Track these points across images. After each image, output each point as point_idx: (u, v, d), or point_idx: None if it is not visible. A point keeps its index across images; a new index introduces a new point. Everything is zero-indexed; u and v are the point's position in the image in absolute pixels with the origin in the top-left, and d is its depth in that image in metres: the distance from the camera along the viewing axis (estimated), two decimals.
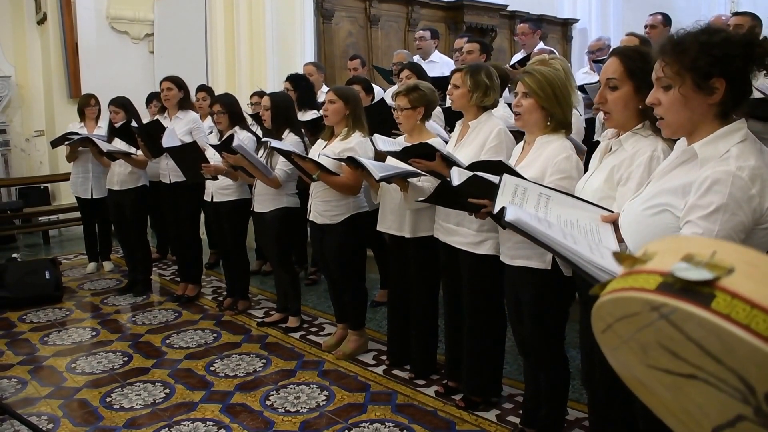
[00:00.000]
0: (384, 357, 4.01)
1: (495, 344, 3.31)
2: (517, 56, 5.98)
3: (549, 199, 2.02)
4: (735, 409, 0.64)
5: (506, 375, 3.50)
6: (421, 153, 3.15)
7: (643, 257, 0.73)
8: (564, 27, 10.80)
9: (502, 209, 1.81)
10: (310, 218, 4.04)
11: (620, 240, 1.81)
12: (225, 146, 4.19)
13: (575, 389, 3.20)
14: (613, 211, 1.95)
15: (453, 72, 3.39)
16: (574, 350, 2.83)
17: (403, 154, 3.28)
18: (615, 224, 1.86)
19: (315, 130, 4.53)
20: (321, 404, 3.45)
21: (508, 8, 9.87)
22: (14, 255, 6.06)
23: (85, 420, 3.35)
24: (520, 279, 2.79)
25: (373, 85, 5.37)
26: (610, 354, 0.82)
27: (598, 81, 2.29)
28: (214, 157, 4.53)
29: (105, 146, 5.41)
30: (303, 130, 4.63)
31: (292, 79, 5.20)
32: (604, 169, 2.21)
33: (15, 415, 3.22)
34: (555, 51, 5.88)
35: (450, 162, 3.02)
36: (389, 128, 3.94)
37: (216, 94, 5.78)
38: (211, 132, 5.10)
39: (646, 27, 5.42)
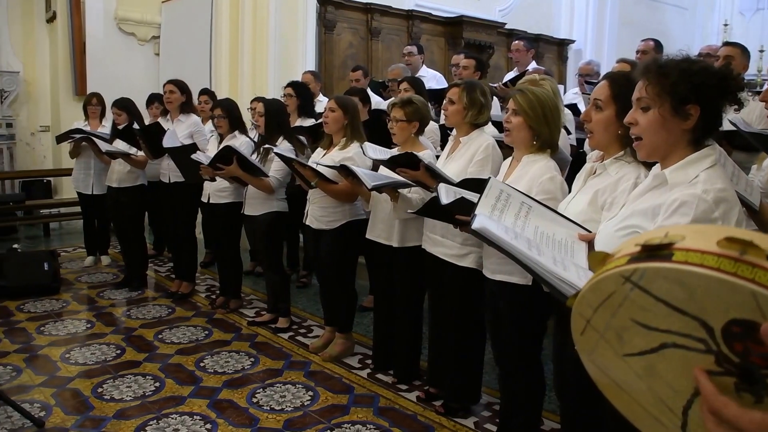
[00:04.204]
0: (369, 361, 4.08)
1: (475, 353, 3.38)
2: (510, 74, 6.08)
3: (530, 209, 2.06)
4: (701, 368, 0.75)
5: (485, 384, 3.56)
6: (407, 163, 3.24)
7: (612, 254, 0.84)
8: (560, 47, 10.94)
9: (474, 216, 1.87)
10: (307, 223, 4.13)
11: None
12: (219, 158, 4.32)
13: (551, 400, 3.25)
14: (590, 231, 2.01)
15: (450, 86, 3.43)
16: (551, 363, 2.93)
17: (389, 163, 3.37)
18: (591, 244, 1.91)
19: (315, 137, 4.64)
20: (305, 404, 3.52)
21: (506, 26, 10.00)
22: (15, 245, 6.15)
23: (76, 409, 3.43)
24: (500, 293, 2.85)
25: (371, 96, 5.45)
26: (588, 359, 0.89)
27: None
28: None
29: (104, 146, 5.52)
30: (305, 136, 4.74)
31: (295, 85, 5.30)
32: (588, 191, 2.26)
33: (8, 401, 3.29)
34: (549, 71, 5.97)
35: (434, 173, 3.12)
36: (385, 140, 4.01)
37: (218, 98, 5.91)
38: (212, 135, 5.21)
39: (637, 53, 5.48)
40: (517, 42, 6.29)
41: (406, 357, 3.80)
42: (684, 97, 1.67)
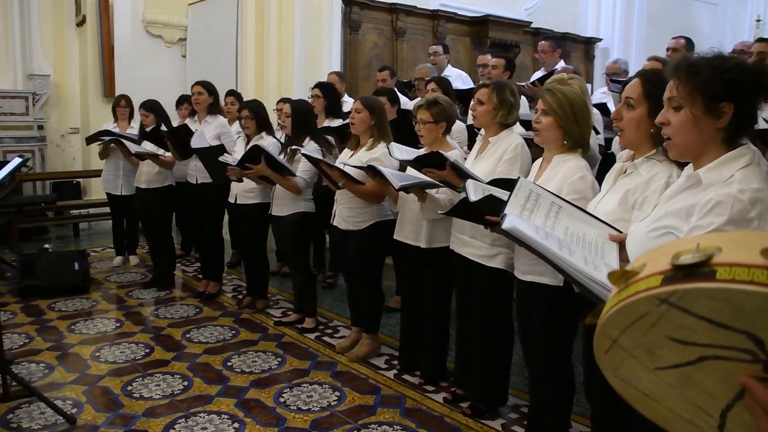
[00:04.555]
0: (395, 362, 4.08)
1: (502, 355, 3.36)
2: (538, 74, 6.02)
3: (560, 210, 2.03)
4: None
5: (512, 386, 3.54)
6: (432, 162, 3.23)
7: (633, 270, 0.80)
8: (587, 46, 10.81)
9: (503, 216, 1.86)
10: (334, 223, 4.13)
11: (624, 260, 1.82)
12: (247, 158, 4.35)
13: (580, 403, 3.22)
14: (622, 231, 1.97)
15: (479, 87, 3.41)
16: (580, 365, 2.90)
17: (415, 163, 3.37)
18: (622, 244, 1.88)
19: (343, 138, 4.64)
20: (332, 404, 3.53)
21: (532, 25, 9.93)
22: (46, 245, 6.25)
23: (107, 406, 3.48)
24: (531, 294, 2.83)
25: (399, 96, 5.44)
26: (612, 375, 0.87)
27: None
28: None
29: (134, 148, 5.59)
30: (332, 136, 4.74)
31: (322, 86, 5.30)
32: (618, 191, 2.23)
33: (42, 397, 3.37)
34: (578, 70, 5.90)
35: (460, 172, 3.11)
36: (413, 140, 3.99)
37: (244, 99, 5.94)
38: (238, 137, 5.24)
39: (668, 50, 5.39)
40: (543, 42, 6.22)
41: (433, 358, 3.79)
42: (716, 94, 1.63)
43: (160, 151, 5.46)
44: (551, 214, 2.02)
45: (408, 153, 3.54)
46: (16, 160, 3.71)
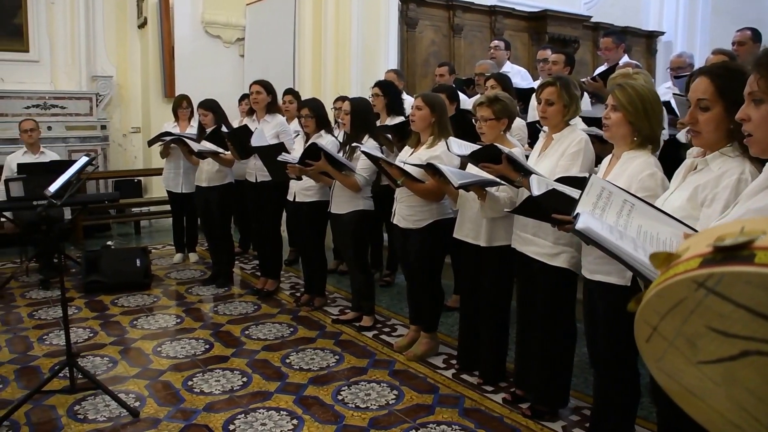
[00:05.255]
0: (453, 361, 4.04)
1: (565, 355, 3.30)
2: (601, 68, 5.89)
3: (633, 207, 1.97)
4: None
5: (574, 387, 3.47)
6: (488, 156, 3.17)
7: (677, 253, 0.77)
8: (648, 40, 10.57)
9: (576, 215, 1.81)
10: (394, 222, 4.12)
11: None
12: (307, 155, 4.37)
13: (644, 407, 3.15)
14: (697, 230, 1.87)
15: (542, 86, 3.31)
16: (644, 368, 2.81)
17: (471, 158, 3.32)
18: None
19: (401, 136, 4.62)
20: (390, 402, 3.51)
21: (592, 19, 9.75)
22: (109, 242, 6.41)
23: (168, 401, 3.53)
24: (598, 293, 2.77)
25: (459, 93, 5.40)
26: (655, 366, 0.83)
27: (686, 97, 2.24)
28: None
29: (195, 146, 5.68)
30: (390, 134, 4.72)
31: (381, 85, 5.30)
32: (687, 188, 2.16)
33: (107, 390, 3.46)
34: (640, 65, 5.74)
35: (517, 165, 3.05)
36: (471, 139, 3.95)
37: (302, 98, 5.97)
38: (297, 135, 5.26)
39: (733, 44, 5.20)
40: (605, 38, 6.07)
41: (492, 358, 3.74)
42: None
43: (220, 150, 5.52)
44: (623, 212, 1.97)
45: (466, 148, 3.49)
46: (83, 159, 3.78)
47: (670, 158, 3.67)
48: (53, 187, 3.49)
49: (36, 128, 6.25)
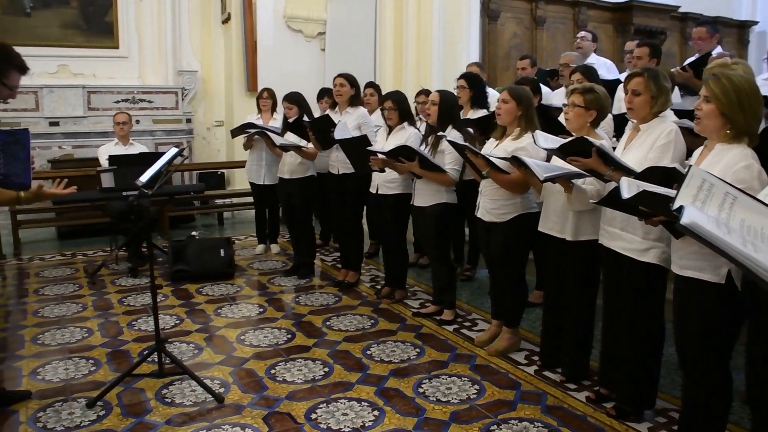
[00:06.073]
0: (535, 357, 3.97)
1: (652, 355, 3.19)
2: (691, 58, 5.63)
3: (735, 200, 1.90)
4: None
5: (661, 388, 3.36)
6: (578, 150, 3.08)
7: None
8: (740, 29, 10.13)
9: (680, 208, 1.74)
10: (478, 215, 4.07)
11: None
12: (395, 152, 4.37)
13: (733, 411, 3.01)
14: None
15: (629, 77, 3.20)
16: (733, 372, 2.67)
17: (559, 151, 3.23)
18: None
19: (485, 129, 4.56)
20: (471, 397, 3.48)
21: (680, 9, 9.38)
22: (194, 233, 6.57)
23: (252, 388, 3.59)
24: (689, 290, 2.65)
25: (541, 86, 5.31)
26: None
27: None
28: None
29: (278, 140, 5.77)
30: (472, 127, 4.67)
31: (468, 77, 5.22)
32: None
33: (193, 376, 3.54)
34: (733, 55, 5.46)
35: (608, 159, 2.96)
36: (551, 132, 3.86)
37: (383, 91, 5.97)
38: (379, 128, 5.26)
39: None
40: (699, 28, 5.80)
41: (576, 355, 3.66)
42: None
43: (303, 143, 5.57)
44: (725, 205, 1.89)
45: (553, 142, 3.41)
46: (173, 150, 3.86)
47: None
48: (144, 177, 3.58)
49: (129, 121, 6.47)
